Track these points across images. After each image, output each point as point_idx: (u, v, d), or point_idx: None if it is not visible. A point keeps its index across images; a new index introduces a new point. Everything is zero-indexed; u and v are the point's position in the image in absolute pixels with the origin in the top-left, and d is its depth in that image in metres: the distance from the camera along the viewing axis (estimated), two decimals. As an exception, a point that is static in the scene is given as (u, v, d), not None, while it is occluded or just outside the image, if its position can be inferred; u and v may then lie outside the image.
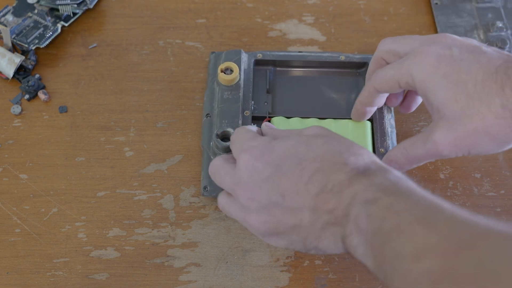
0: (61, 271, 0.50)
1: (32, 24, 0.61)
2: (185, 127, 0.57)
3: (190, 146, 0.56)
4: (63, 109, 0.58)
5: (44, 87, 0.59)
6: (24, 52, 0.60)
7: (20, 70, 0.59)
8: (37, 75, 0.59)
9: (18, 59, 0.58)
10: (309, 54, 0.58)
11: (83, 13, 0.63)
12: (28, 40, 0.59)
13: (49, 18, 0.61)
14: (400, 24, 0.63)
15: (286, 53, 0.58)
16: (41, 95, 0.58)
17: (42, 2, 0.61)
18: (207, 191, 0.52)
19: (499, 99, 0.43)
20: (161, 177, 0.54)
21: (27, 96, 0.58)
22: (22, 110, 0.58)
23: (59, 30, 0.61)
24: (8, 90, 0.59)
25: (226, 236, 0.51)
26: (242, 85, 0.55)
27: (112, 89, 0.59)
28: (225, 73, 0.55)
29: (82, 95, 0.59)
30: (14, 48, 0.60)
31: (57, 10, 0.61)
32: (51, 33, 0.60)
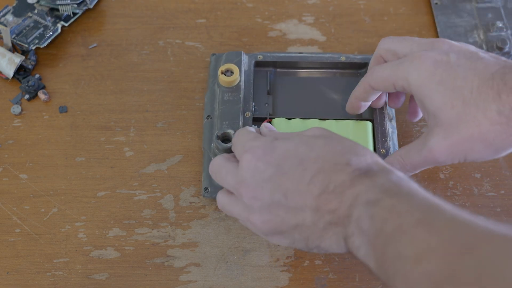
0: (61, 271, 0.50)
1: (32, 24, 0.61)
2: (185, 127, 0.57)
3: (190, 146, 0.56)
4: (63, 109, 0.58)
5: (44, 87, 0.59)
6: (24, 52, 0.60)
7: (20, 70, 0.59)
8: (37, 75, 0.59)
9: (18, 59, 0.58)
10: (309, 55, 0.58)
11: (83, 13, 0.63)
12: (28, 40, 0.59)
13: (49, 18, 0.61)
14: (400, 24, 0.63)
15: (287, 54, 0.58)
16: (41, 95, 0.58)
17: (42, 2, 0.61)
18: (208, 192, 0.52)
19: (495, 105, 0.43)
20: (161, 177, 0.54)
21: (27, 96, 0.58)
22: (22, 110, 0.58)
23: (59, 30, 0.61)
24: (8, 90, 0.59)
25: (226, 236, 0.51)
26: (242, 87, 0.55)
27: (112, 89, 0.59)
28: (225, 75, 0.55)
29: (82, 95, 0.59)
30: (14, 48, 0.60)
31: (57, 10, 0.61)
32: (51, 33, 0.60)
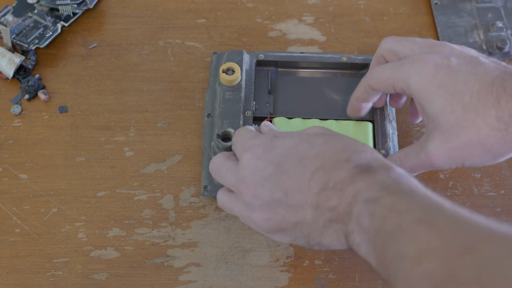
0: (61, 271, 0.50)
1: (32, 24, 0.61)
2: (185, 127, 0.57)
3: (190, 146, 0.56)
4: (63, 109, 0.58)
5: (44, 87, 0.59)
6: (24, 52, 0.60)
7: (20, 70, 0.59)
8: (37, 75, 0.59)
9: (18, 59, 0.58)
10: (311, 55, 0.58)
11: (83, 13, 0.63)
12: (28, 40, 0.59)
13: (49, 18, 0.61)
14: (400, 24, 0.63)
15: (288, 54, 0.58)
16: (41, 95, 0.58)
17: (42, 2, 0.61)
18: (207, 190, 0.52)
19: (495, 111, 0.43)
20: (161, 177, 0.54)
21: (27, 96, 0.58)
22: (22, 110, 0.58)
23: (59, 30, 0.61)
24: (8, 90, 0.59)
25: (226, 236, 0.51)
26: (243, 86, 0.55)
27: (112, 89, 0.59)
28: (226, 74, 0.55)
29: (82, 95, 0.59)
30: (14, 48, 0.60)
31: (57, 10, 0.61)
32: (51, 33, 0.60)
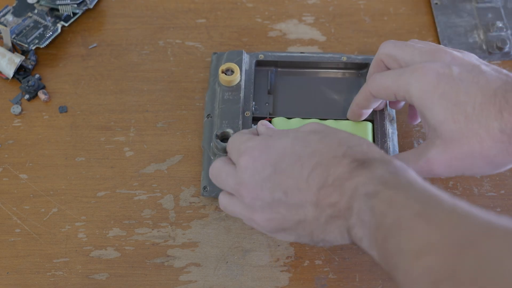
0: (61, 271, 0.50)
1: (32, 24, 0.61)
2: (185, 127, 0.57)
3: (190, 146, 0.56)
4: (63, 109, 0.58)
5: (44, 87, 0.59)
6: (24, 52, 0.60)
7: (20, 70, 0.59)
8: (37, 75, 0.59)
9: (18, 59, 0.58)
10: (310, 55, 0.58)
11: (83, 13, 0.63)
12: (28, 40, 0.59)
13: (49, 18, 0.61)
14: (400, 24, 0.63)
15: (288, 54, 0.58)
16: (41, 95, 0.58)
17: (42, 2, 0.61)
18: (206, 191, 0.52)
19: (498, 123, 0.42)
20: (161, 177, 0.54)
21: (27, 96, 0.58)
22: (22, 110, 0.58)
23: (59, 30, 0.61)
24: (8, 90, 0.59)
25: (226, 236, 0.51)
26: (243, 86, 0.55)
27: (112, 89, 0.59)
28: (226, 74, 0.55)
29: (82, 95, 0.59)
30: (14, 48, 0.60)
31: (57, 10, 0.61)
32: (51, 33, 0.60)
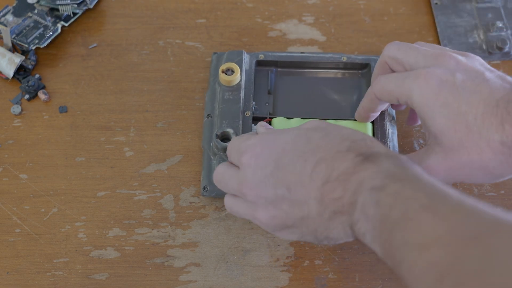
0: (61, 271, 0.50)
1: (32, 24, 0.61)
2: (185, 127, 0.57)
3: (190, 146, 0.56)
4: (63, 109, 0.58)
5: (44, 87, 0.59)
6: (24, 52, 0.60)
7: (20, 70, 0.59)
8: (37, 75, 0.59)
9: (18, 59, 0.58)
10: (311, 55, 0.58)
11: (83, 13, 0.63)
12: (28, 40, 0.59)
13: (49, 18, 0.61)
14: (400, 24, 0.63)
15: (288, 54, 0.58)
16: (41, 95, 0.58)
17: (42, 2, 0.61)
18: (206, 191, 0.52)
19: (499, 135, 0.42)
20: (161, 177, 0.54)
21: (27, 96, 0.58)
22: (22, 110, 0.58)
23: (59, 30, 0.61)
24: (8, 90, 0.59)
25: (226, 236, 0.51)
26: (243, 86, 0.55)
27: (112, 89, 0.59)
28: (226, 74, 0.55)
29: (82, 95, 0.59)
30: (14, 48, 0.60)
31: (57, 10, 0.61)
32: (51, 33, 0.60)
